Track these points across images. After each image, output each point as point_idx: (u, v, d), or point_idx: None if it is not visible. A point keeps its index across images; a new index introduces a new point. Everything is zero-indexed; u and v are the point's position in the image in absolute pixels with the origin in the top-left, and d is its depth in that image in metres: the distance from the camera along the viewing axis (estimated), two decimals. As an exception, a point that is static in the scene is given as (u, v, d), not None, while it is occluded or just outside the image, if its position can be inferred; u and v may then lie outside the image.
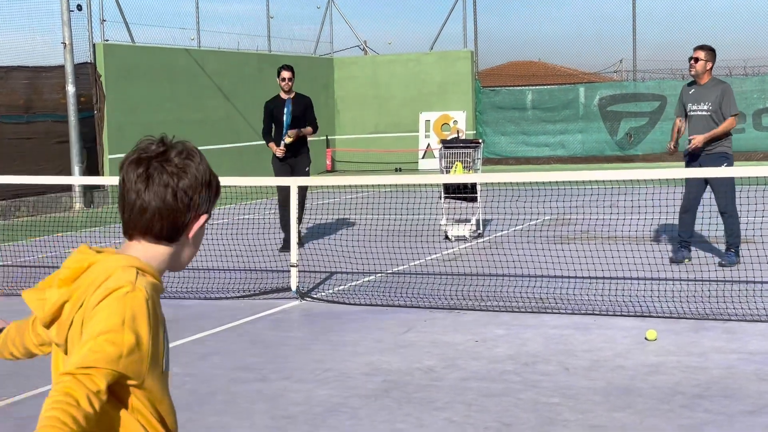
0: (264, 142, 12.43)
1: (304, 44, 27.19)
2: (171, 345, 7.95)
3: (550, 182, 16.56)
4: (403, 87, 26.53)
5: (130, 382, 2.15)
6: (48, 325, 2.27)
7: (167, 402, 2.28)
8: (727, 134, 9.78)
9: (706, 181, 9.70)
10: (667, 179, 10.78)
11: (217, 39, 23.95)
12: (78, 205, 18.71)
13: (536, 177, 12.37)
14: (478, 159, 12.73)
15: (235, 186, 15.96)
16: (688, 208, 9.92)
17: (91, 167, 19.40)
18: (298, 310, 8.64)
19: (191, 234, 2.33)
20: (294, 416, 5.58)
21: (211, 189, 2.34)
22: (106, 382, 2.06)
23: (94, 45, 19.71)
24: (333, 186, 20.24)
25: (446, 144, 13.07)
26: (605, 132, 25.37)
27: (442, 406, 5.68)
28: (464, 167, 12.50)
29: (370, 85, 26.92)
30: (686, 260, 9.94)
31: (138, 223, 2.28)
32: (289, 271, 9.29)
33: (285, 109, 12.09)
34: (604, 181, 14.53)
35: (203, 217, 2.33)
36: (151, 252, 2.30)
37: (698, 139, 9.63)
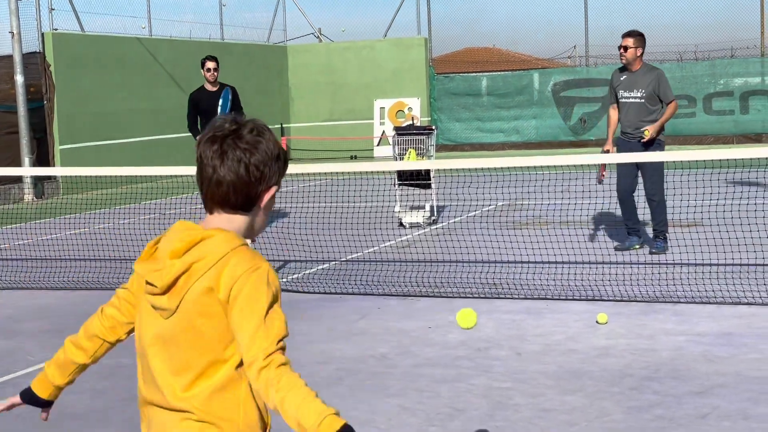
0: (192, 135, 11.59)
1: (258, 32, 27.06)
2: (123, 336, 7.83)
3: (503, 168, 16.64)
4: (357, 74, 26.48)
5: None
6: (162, 294, 2.49)
7: None
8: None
9: (637, 167, 9.57)
10: (617, 164, 10.84)
11: (169, 27, 23.81)
12: (29, 196, 18.49)
13: (489, 163, 12.43)
14: (431, 146, 12.75)
15: (190, 176, 15.82)
16: (625, 197, 9.73)
17: (42, 158, 19.17)
18: (252, 300, 8.59)
19: (263, 204, 2.56)
20: (246, 406, 5.56)
21: (280, 162, 2.55)
22: (284, 353, 2.41)
23: (42, 34, 19.44)
24: (288, 174, 20.12)
25: (399, 131, 13.07)
26: (559, 117, 25.52)
27: (394, 393, 5.69)
28: (417, 154, 12.51)
29: (325, 73, 26.84)
30: (635, 246, 9.86)
31: (216, 195, 2.51)
32: (242, 261, 9.23)
33: (221, 100, 11.41)
34: (557, 167, 14.64)
35: (273, 188, 2.56)
36: (233, 222, 2.54)
37: (652, 130, 9.35)
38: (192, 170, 11.69)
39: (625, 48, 9.62)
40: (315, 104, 26.90)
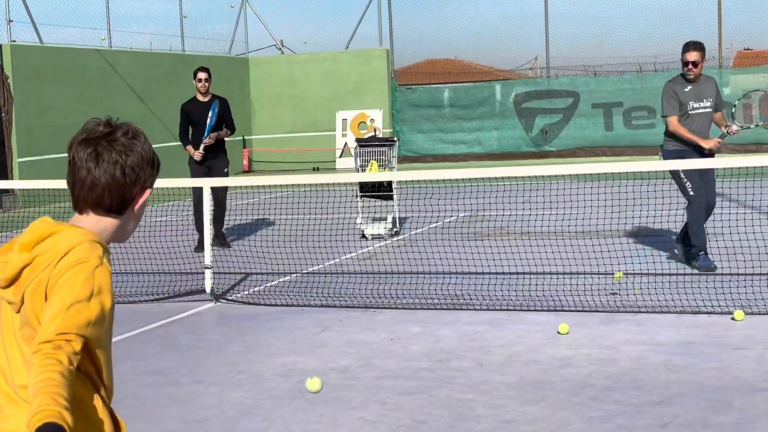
0: (181, 144, 12.16)
1: (219, 44, 26.99)
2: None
3: (465, 179, 16.69)
4: (319, 86, 26.46)
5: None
6: (6, 287, 2.44)
7: (106, 356, 2.49)
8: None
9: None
10: (578, 174, 10.92)
11: (129, 39, 23.62)
12: (-13, 209, 18.26)
13: (451, 174, 12.46)
14: (393, 157, 12.76)
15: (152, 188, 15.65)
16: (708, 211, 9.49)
17: (0, 171, 18.94)
18: (213, 313, 8.55)
19: (136, 207, 2.56)
20: (206, 420, 5.51)
21: (154, 166, 2.57)
22: (80, 345, 2.30)
23: (0, 46, 19.24)
24: (250, 186, 20.08)
25: (361, 143, 13.07)
26: (521, 128, 25.65)
27: (356, 406, 5.66)
28: (379, 165, 12.51)
29: (287, 85, 26.80)
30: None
31: (89, 197, 2.49)
32: (203, 273, 9.18)
33: (210, 112, 11.84)
34: (519, 178, 14.70)
35: (147, 192, 2.56)
36: (101, 224, 2.53)
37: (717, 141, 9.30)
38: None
39: (695, 64, 9.45)
40: (277, 116, 26.84)
